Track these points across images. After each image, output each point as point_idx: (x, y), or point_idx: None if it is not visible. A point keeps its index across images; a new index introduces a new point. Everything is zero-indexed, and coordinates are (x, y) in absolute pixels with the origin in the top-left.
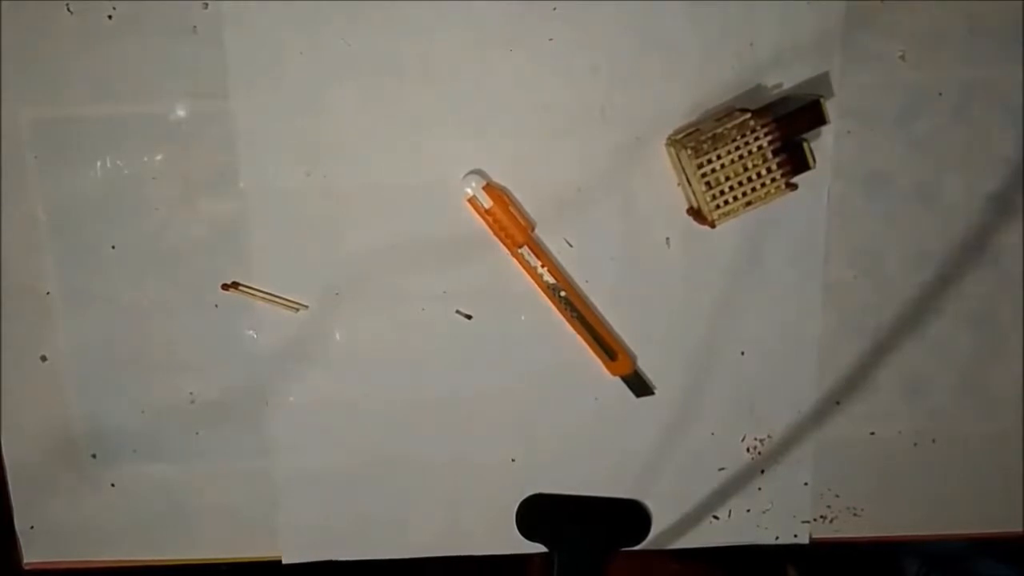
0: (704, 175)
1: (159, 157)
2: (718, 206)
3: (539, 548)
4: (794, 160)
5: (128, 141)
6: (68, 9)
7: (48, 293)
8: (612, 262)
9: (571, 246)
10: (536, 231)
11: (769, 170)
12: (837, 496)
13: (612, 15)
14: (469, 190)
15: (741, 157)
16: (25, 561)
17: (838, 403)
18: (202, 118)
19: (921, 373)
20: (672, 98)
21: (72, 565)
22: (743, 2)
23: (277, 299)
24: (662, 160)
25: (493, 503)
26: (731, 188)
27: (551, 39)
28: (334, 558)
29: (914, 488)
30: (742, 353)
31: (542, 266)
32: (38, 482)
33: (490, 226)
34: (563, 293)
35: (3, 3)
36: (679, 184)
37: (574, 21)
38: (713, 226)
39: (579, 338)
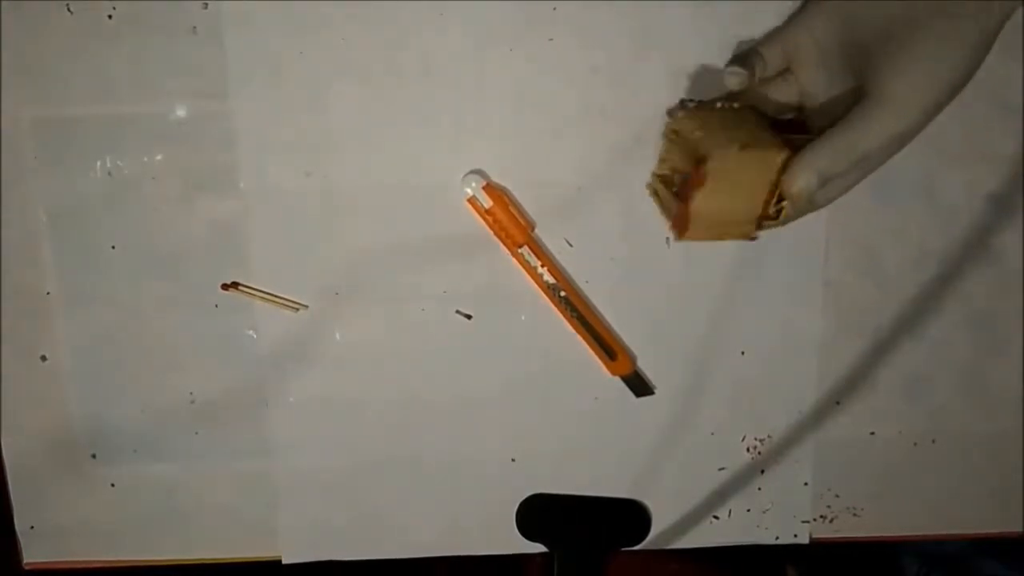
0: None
1: (159, 157)
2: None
3: (539, 548)
4: None
5: (128, 141)
6: (68, 9)
7: (48, 293)
8: (612, 262)
9: (571, 246)
10: (536, 231)
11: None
12: (837, 496)
13: (612, 15)
14: (469, 190)
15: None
16: (25, 561)
17: (838, 403)
18: (202, 118)
19: (921, 373)
20: (672, 98)
21: (72, 565)
22: (744, 2)
23: (277, 299)
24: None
25: (493, 503)
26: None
27: (551, 39)
28: (334, 558)
29: (914, 488)
30: (742, 353)
31: (542, 266)
32: (38, 482)
33: (490, 226)
34: (563, 293)
35: (3, 3)
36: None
37: (574, 21)
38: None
39: (579, 338)
